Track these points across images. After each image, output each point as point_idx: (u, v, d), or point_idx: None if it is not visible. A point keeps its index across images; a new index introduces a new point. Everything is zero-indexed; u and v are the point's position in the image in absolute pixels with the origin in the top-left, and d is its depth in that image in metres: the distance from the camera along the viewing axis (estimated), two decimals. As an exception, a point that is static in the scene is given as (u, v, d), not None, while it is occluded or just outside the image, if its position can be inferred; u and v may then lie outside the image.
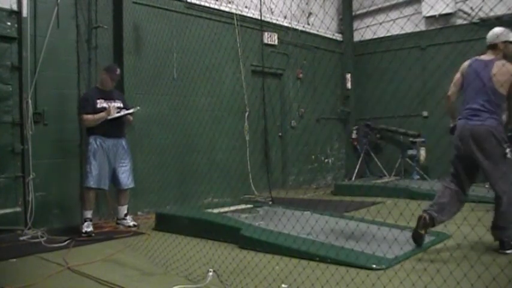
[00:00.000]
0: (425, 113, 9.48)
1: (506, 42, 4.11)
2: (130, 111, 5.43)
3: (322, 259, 3.72)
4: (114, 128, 5.31)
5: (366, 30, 9.73)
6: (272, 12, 8.64)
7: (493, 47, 4.14)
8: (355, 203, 6.55)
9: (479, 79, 4.01)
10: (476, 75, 4.06)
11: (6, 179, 5.32)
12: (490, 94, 3.94)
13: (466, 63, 4.23)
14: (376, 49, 9.76)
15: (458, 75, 4.27)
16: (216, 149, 7.26)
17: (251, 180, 7.96)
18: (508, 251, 3.81)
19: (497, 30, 4.18)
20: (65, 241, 4.70)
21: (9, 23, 5.40)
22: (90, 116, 5.22)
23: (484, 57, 4.15)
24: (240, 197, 7.38)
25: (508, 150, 3.87)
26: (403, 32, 8.23)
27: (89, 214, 5.20)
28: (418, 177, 8.97)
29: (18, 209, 5.35)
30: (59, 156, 5.78)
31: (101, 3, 6.19)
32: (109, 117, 5.22)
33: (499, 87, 3.91)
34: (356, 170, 9.88)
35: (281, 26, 8.92)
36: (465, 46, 7.84)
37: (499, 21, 8.16)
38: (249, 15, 8.02)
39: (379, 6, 9.83)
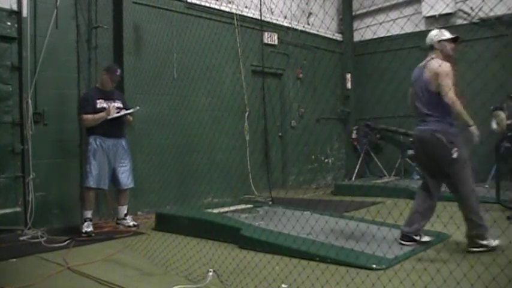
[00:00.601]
0: (425, 113, 9.46)
1: (441, 41, 4.20)
2: (130, 111, 5.43)
3: (322, 259, 3.72)
4: (114, 128, 5.31)
5: (366, 30, 9.73)
6: (272, 12, 8.64)
7: (430, 48, 4.25)
8: (355, 203, 6.55)
9: (419, 85, 4.12)
10: (416, 82, 4.18)
11: (6, 179, 5.32)
12: (428, 97, 4.02)
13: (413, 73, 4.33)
14: (376, 49, 9.74)
15: (410, 88, 4.34)
16: (216, 149, 7.26)
17: (251, 180, 7.96)
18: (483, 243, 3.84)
19: (432, 31, 4.32)
20: (65, 241, 4.70)
21: (9, 23, 5.40)
22: (90, 116, 5.22)
23: (422, 62, 4.23)
24: (240, 197, 7.38)
25: (453, 150, 3.90)
26: (403, 32, 8.22)
27: (89, 214, 5.20)
28: (418, 177, 8.95)
29: (18, 209, 5.35)
30: (59, 156, 5.78)
31: (101, 3, 6.19)
32: (109, 117, 5.22)
33: (432, 89, 3.97)
34: (356, 170, 9.89)
35: (281, 26, 8.92)
36: (465, 46, 7.84)
37: (499, 21, 8.18)
38: (249, 15, 8.02)
39: (379, 6, 9.82)
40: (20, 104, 5.44)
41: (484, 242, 3.87)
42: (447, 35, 4.24)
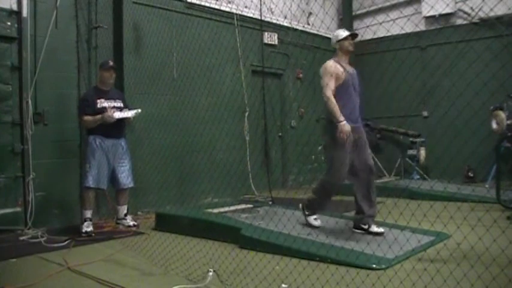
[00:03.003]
0: (425, 113, 9.48)
1: (339, 41, 4.65)
2: (131, 115, 5.37)
3: (322, 259, 3.72)
4: (113, 128, 5.29)
5: (366, 30, 9.73)
6: (272, 12, 8.64)
7: (334, 50, 4.76)
8: (355, 203, 6.53)
9: None
10: None
11: (6, 179, 5.32)
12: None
13: None
14: (376, 49, 9.76)
15: None
16: (216, 149, 7.26)
17: (251, 180, 7.96)
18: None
19: (332, 35, 4.78)
20: (65, 241, 4.70)
21: (9, 23, 5.40)
22: (90, 118, 5.20)
23: None
24: (240, 197, 7.38)
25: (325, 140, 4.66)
26: (403, 32, 8.23)
27: (88, 214, 5.19)
28: (418, 177, 8.97)
29: (18, 209, 5.36)
30: (59, 156, 5.78)
31: (101, 3, 6.19)
32: (111, 120, 5.18)
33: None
34: (356, 170, 9.87)
35: (281, 26, 8.92)
36: (465, 46, 7.85)
37: (499, 21, 8.18)
38: (249, 15, 8.01)
39: (379, 6, 9.83)
40: (20, 104, 5.44)
41: (306, 212, 4.69)
42: (343, 34, 4.64)
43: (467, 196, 6.39)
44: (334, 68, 4.55)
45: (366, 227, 4.51)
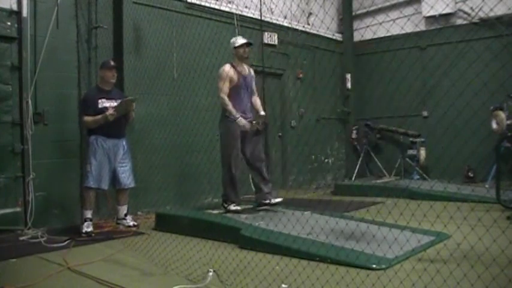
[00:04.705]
0: (425, 113, 9.49)
1: (235, 48, 5.36)
2: (129, 98, 5.37)
3: (322, 259, 3.72)
4: (114, 128, 5.29)
5: (366, 30, 9.73)
6: (272, 12, 8.64)
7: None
8: (355, 203, 6.55)
9: None
10: None
11: (6, 179, 5.32)
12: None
13: None
14: (376, 49, 9.76)
15: None
16: (216, 149, 7.22)
17: (251, 180, 7.94)
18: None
19: (230, 41, 5.44)
20: (65, 241, 4.70)
21: (9, 23, 5.40)
22: (90, 118, 5.21)
23: None
24: (240, 197, 7.36)
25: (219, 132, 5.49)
26: (403, 32, 8.22)
27: (89, 214, 5.19)
28: (418, 177, 8.97)
29: (18, 209, 5.36)
30: (59, 156, 5.78)
31: (101, 3, 6.19)
32: (111, 118, 5.17)
33: None
34: (356, 170, 9.89)
35: (281, 26, 8.92)
36: (465, 46, 7.87)
37: (499, 21, 8.18)
38: (249, 15, 8.01)
39: (379, 6, 9.83)
40: (20, 104, 5.44)
41: (225, 205, 5.34)
42: (239, 42, 5.37)
43: (467, 196, 6.39)
44: (228, 72, 5.26)
45: (267, 201, 5.36)
